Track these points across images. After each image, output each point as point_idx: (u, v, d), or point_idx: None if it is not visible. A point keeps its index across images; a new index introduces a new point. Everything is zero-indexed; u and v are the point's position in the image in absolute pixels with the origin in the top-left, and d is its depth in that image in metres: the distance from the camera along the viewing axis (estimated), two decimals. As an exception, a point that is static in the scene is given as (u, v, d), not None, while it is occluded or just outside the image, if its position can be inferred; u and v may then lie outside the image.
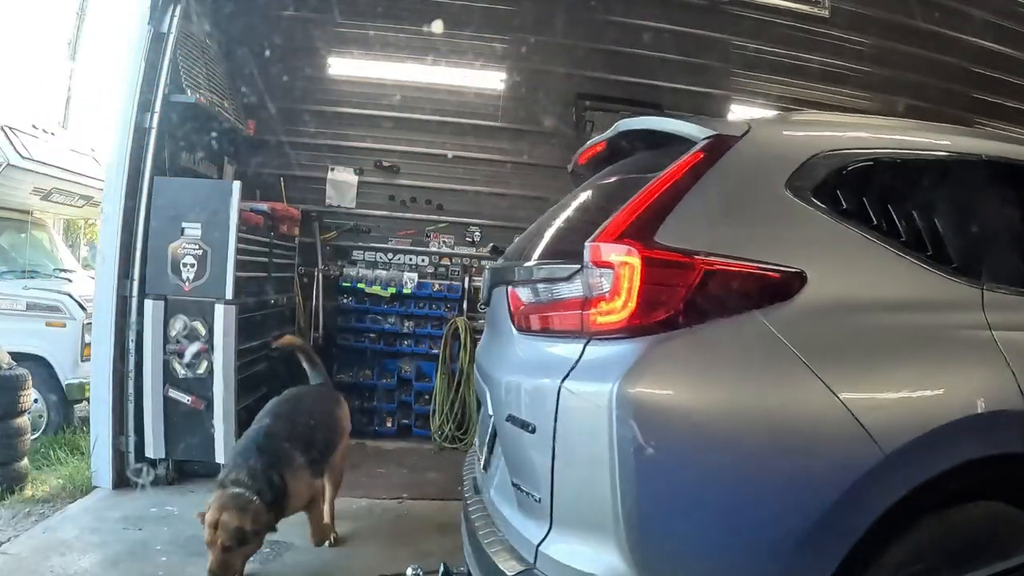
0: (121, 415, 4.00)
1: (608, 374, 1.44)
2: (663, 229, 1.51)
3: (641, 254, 1.47)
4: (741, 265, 1.50)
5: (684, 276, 1.47)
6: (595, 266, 1.53)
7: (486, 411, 2.13)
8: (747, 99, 6.09)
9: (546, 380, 1.59)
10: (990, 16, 5.49)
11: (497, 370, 1.95)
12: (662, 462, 1.42)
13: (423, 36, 5.49)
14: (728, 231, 1.57)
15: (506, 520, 1.79)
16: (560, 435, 1.52)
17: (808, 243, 1.58)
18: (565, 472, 1.53)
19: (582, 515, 1.51)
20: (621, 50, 5.80)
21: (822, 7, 5.55)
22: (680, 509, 1.44)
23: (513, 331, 1.90)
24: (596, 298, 1.53)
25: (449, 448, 5.42)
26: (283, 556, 3.25)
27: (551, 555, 1.54)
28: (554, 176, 6.03)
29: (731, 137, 1.68)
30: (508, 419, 1.76)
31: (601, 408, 1.42)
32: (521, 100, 5.90)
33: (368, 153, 5.88)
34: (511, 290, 1.97)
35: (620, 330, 1.48)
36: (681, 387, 1.46)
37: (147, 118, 4.03)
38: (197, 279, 3.97)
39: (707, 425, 1.43)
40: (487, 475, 2.07)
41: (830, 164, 1.66)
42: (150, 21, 4.00)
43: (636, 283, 1.47)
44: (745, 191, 1.64)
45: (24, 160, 5.35)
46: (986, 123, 6.31)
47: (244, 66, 5.50)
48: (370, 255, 5.98)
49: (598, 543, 1.45)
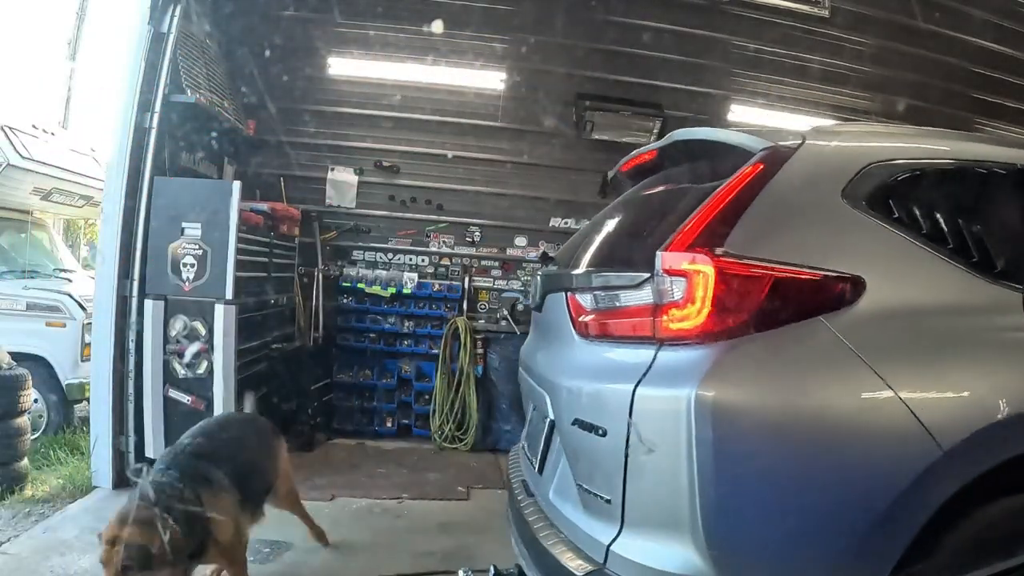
0: (121, 415, 4.00)
1: (685, 379, 1.50)
2: (731, 238, 1.58)
3: (715, 263, 1.54)
4: (806, 273, 1.57)
5: (755, 284, 1.55)
6: (667, 275, 1.60)
7: (539, 414, 2.20)
8: (747, 99, 6.09)
9: (618, 385, 1.64)
10: (990, 16, 5.49)
11: (556, 375, 2.00)
12: (738, 461, 1.48)
13: (423, 36, 5.49)
14: (790, 240, 1.63)
15: (569, 521, 1.84)
16: (634, 438, 1.57)
17: (864, 250, 1.65)
18: (638, 474, 1.58)
19: (656, 514, 1.57)
20: (621, 50, 5.80)
21: (822, 7, 5.55)
22: (755, 505, 1.50)
23: (575, 336, 1.96)
24: (667, 305, 1.59)
25: (449, 448, 5.42)
26: (283, 556, 3.25)
27: (623, 554, 1.59)
28: (554, 176, 6.05)
29: (788, 148, 1.74)
30: (575, 423, 1.79)
31: (679, 412, 1.48)
32: (521, 100, 5.90)
33: (368, 153, 5.88)
34: (571, 296, 2.01)
35: (694, 336, 1.55)
36: (754, 390, 1.52)
37: (147, 118, 4.03)
38: (197, 279, 3.97)
39: (779, 425, 1.50)
40: (542, 478, 2.11)
41: (881, 174, 1.73)
42: (150, 21, 4.00)
43: (710, 291, 1.53)
44: (804, 201, 1.70)
45: (24, 160, 5.35)
46: (986, 123, 6.32)
47: (244, 66, 5.49)
48: (370, 255, 5.98)
49: (672, 540, 1.51)
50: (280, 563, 3.20)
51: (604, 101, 5.84)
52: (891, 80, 5.98)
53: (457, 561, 3.34)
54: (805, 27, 5.68)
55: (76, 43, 9.44)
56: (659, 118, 5.83)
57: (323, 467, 4.69)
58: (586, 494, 1.76)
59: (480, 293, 6.07)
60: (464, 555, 3.42)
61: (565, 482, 1.90)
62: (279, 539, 3.41)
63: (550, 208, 6.09)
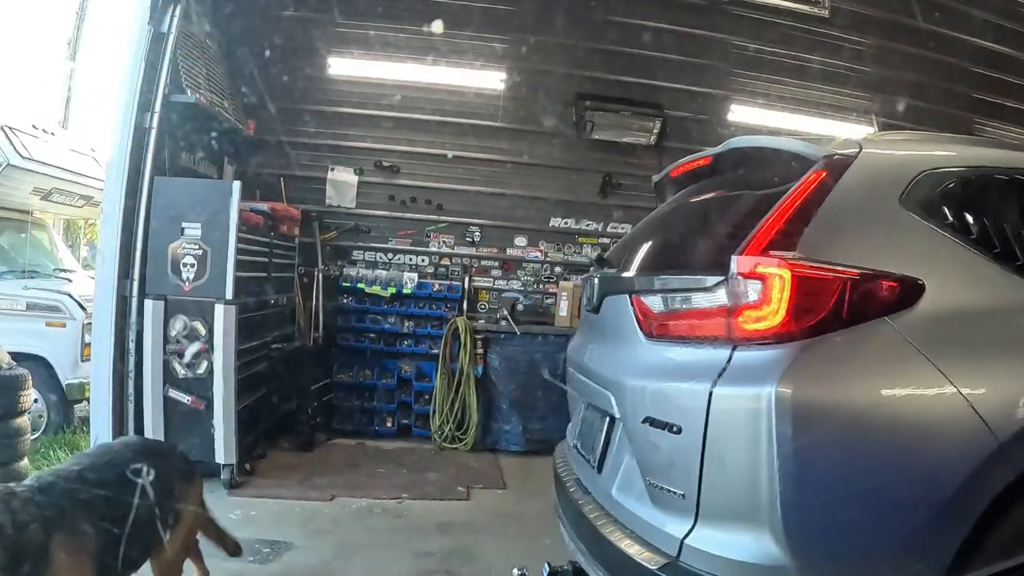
0: (121, 415, 4.00)
1: (764, 377, 1.58)
2: (801, 242, 1.67)
3: (791, 267, 1.62)
4: (873, 275, 1.66)
5: (828, 286, 1.63)
6: (742, 277, 1.67)
7: (595, 414, 2.29)
8: (747, 99, 6.09)
9: (693, 384, 1.72)
10: (990, 16, 5.49)
11: (622, 375, 2.06)
12: (814, 455, 1.56)
13: (423, 36, 5.50)
14: (853, 244, 1.72)
15: (635, 517, 1.90)
16: (712, 434, 1.64)
17: (922, 254, 1.74)
18: (715, 468, 1.65)
19: (732, 507, 1.64)
20: (621, 50, 5.81)
21: (822, 7, 5.56)
22: (829, 495, 1.58)
23: (640, 337, 2.03)
24: (743, 307, 1.67)
25: (449, 448, 5.42)
26: (283, 556, 3.26)
27: (697, 547, 1.66)
28: (554, 176, 6.06)
29: (847, 156, 1.82)
30: (646, 421, 1.86)
31: (759, 409, 1.56)
32: (521, 100, 5.91)
33: (368, 153, 5.89)
34: (637, 299, 2.08)
35: (770, 337, 1.62)
36: (828, 387, 1.59)
37: (147, 118, 4.02)
38: (197, 279, 3.97)
39: (851, 420, 1.58)
40: (601, 475, 2.17)
41: (933, 181, 1.82)
42: (150, 21, 4.00)
43: (787, 293, 1.61)
44: (864, 207, 1.78)
45: (24, 160, 5.35)
46: (986, 123, 6.32)
47: (244, 66, 5.50)
48: (370, 255, 5.98)
49: (749, 531, 1.58)
50: (280, 563, 3.19)
51: (604, 101, 5.85)
52: (891, 80, 5.98)
53: (457, 561, 3.35)
54: (805, 27, 5.68)
55: (76, 43, 9.44)
56: (659, 118, 5.84)
57: (323, 467, 4.70)
58: (656, 490, 1.83)
59: (480, 293, 6.08)
60: (464, 555, 3.42)
61: (630, 479, 1.97)
62: (279, 539, 3.42)
63: (550, 208, 6.10)
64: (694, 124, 6.08)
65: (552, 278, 6.14)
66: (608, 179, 6.07)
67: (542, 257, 6.15)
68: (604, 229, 6.18)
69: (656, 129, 5.86)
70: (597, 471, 2.20)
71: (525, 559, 3.40)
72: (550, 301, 6.06)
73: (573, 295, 5.76)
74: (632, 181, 6.11)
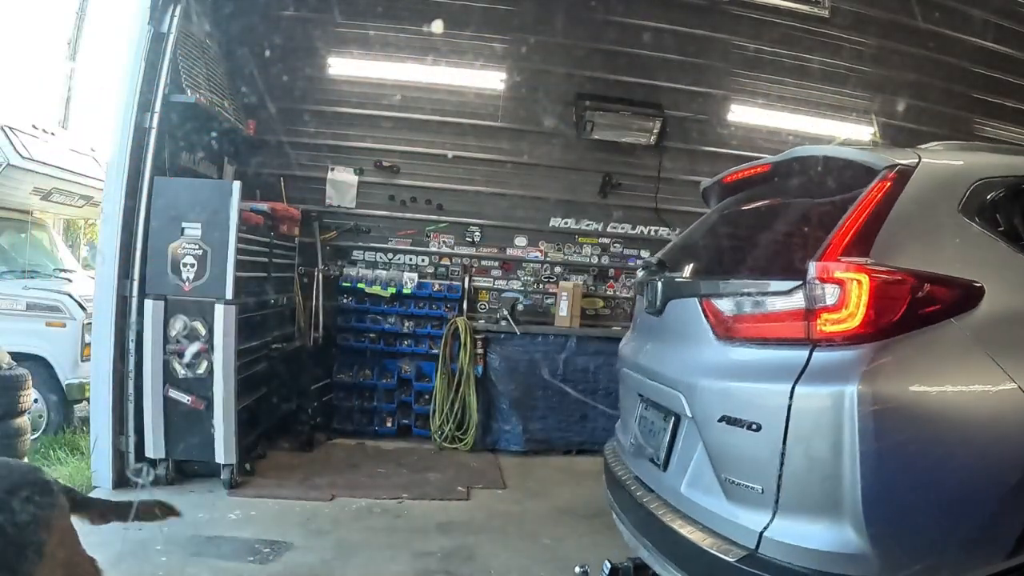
0: (121, 415, 4.00)
1: (845, 376, 1.68)
2: (874, 248, 1.78)
3: (868, 271, 1.73)
4: (940, 279, 1.77)
5: (901, 289, 1.73)
6: (821, 282, 1.77)
7: (656, 414, 2.38)
8: (747, 99, 6.09)
9: (772, 384, 1.82)
10: (990, 16, 5.50)
11: (692, 376, 2.15)
12: (893, 448, 1.66)
13: (423, 36, 5.50)
14: (918, 249, 1.82)
15: (708, 512, 1.98)
16: (793, 431, 1.74)
17: (979, 259, 1.85)
18: (795, 463, 1.74)
19: (812, 500, 1.73)
20: (621, 50, 5.81)
21: (822, 7, 5.57)
22: (906, 486, 1.68)
23: (712, 339, 2.12)
24: (821, 309, 1.77)
25: (449, 448, 5.42)
26: (283, 556, 3.26)
27: (777, 539, 1.75)
28: (554, 176, 6.06)
29: (910, 166, 1.92)
30: (721, 420, 1.95)
31: (841, 406, 1.65)
32: (521, 100, 5.90)
33: (368, 153, 5.88)
34: (707, 302, 2.16)
35: (848, 338, 1.72)
36: (903, 384, 1.70)
37: (147, 118, 4.03)
38: (197, 279, 3.97)
39: (925, 415, 1.69)
40: (666, 473, 2.25)
41: (988, 189, 1.93)
42: (150, 21, 4.00)
43: (865, 297, 1.71)
44: (928, 214, 1.89)
45: (24, 160, 5.35)
46: (986, 123, 6.32)
47: (244, 66, 5.49)
48: (370, 255, 5.98)
49: (829, 522, 1.68)
50: (280, 563, 3.19)
51: (604, 101, 5.85)
52: (891, 80, 5.98)
53: (457, 561, 3.36)
54: (805, 27, 5.69)
55: (76, 43, 9.43)
56: (659, 118, 5.84)
57: (323, 467, 4.70)
58: (731, 485, 1.92)
59: (480, 293, 6.08)
60: (464, 555, 3.42)
61: (700, 475, 2.06)
62: (279, 539, 3.42)
63: (550, 208, 6.09)
64: (694, 124, 6.09)
65: (552, 278, 6.14)
66: (608, 179, 6.07)
67: (542, 257, 6.15)
68: (604, 229, 6.18)
69: (656, 129, 5.86)
70: (662, 469, 2.28)
71: (525, 559, 3.42)
72: (550, 301, 6.06)
73: (573, 295, 5.76)
74: (632, 181, 6.12)
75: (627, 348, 2.91)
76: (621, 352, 2.98)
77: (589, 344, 5.54)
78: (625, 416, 2.84)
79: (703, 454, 2.06)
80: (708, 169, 6.10)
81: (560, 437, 5.51)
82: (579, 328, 5.72)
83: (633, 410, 2.65)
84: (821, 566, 1.67)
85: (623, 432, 2.82)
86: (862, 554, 1.64)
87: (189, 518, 3.60)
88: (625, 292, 6.23)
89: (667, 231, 6.11)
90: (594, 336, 5.64)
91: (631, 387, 2.72)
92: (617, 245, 6.21)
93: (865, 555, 1.63)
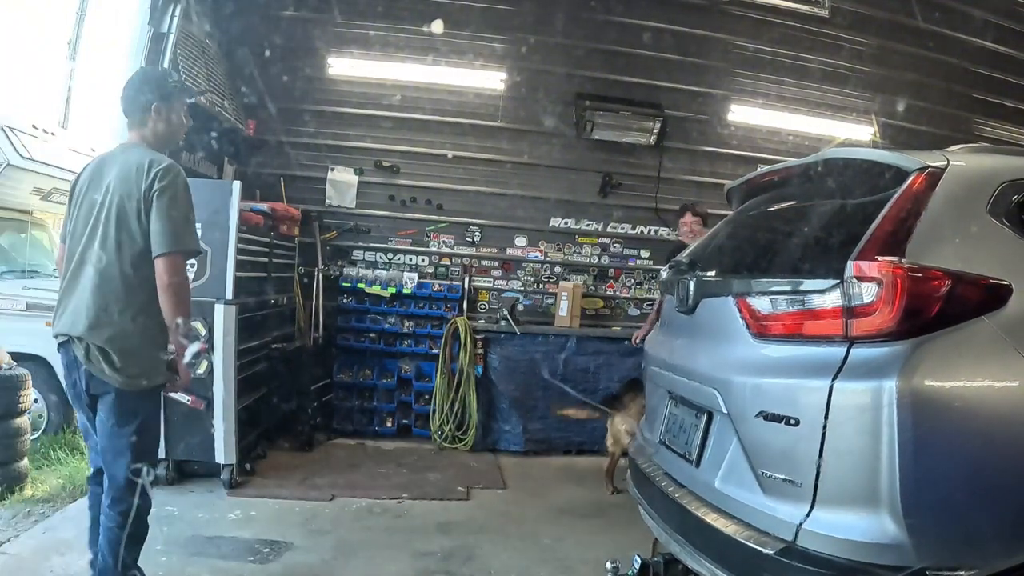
0: (121, 415, 3.99)
1: (884, 372, 1.73)
2: (908, 248, 1.82)
3: (905, 271, 1.78)
4: (972, 278, 1.82)
5: (937, 288, 1.78)
6: (859, 280, 1.82)
7: (687, 411, 2.43)
8: (747, 99, 6.09)
9: (811, 380, 1.86)
10: (990, 16, 5.50)
11: (728, 373, 2.18)
12: (931, 442, 1.70)
13: (423, 36, 5.50)
14: (949, 249, 1.87)
15: (745, 506, 2.01)
16: (832, 425, 1.78)
17: (1007, 258, 1.90)
18: (834, 457, 1.78)
19: (851, 492, 1.77)
20: (621, 50, 5.81)
21: (822, 7, 5.57)
22: (944, 478, 1.72)
23: (748, 337, 2.15)
24: (858, 307, 1.81)
25: (449, 448, 5.42)
26: (283, 556, 3.26)
27: (814, 530, 1.78)
28: (554, 176, 6.06)
29: (939, 168, 1.96)
30: (759, 416, 1.98)
31: (880, 401, 1.70)
32: (521, 100, 5.91)
33: (368, 153, 5.89)
34: (742, 301, 2.20)
35: (886, 335, 1.77)
36: (940, 379, 1.73)
37: (147, 118, 4.02)
38: (197, 279, 3.95)
39: (961, 408, 1.73)
40: (699, 469, 2.28)
41: (1012, 191, 1.98)
42: (150, 21, 4.01)
43: (901, 295, 1.76)
44: (958, 214, 1.93)
45: (24, 160, 5.35)
46: (986, 123, 6.33)
47: (244, 66, 5.49)
48: (370, 255, 5.98)
49: (867, 514, 1.72)
50: (280, 563, 3.19)
51: (604, 101, 5.85)
52: (891, 80, 5.98)
53: (457, 561, 3.36)
54: (805, 27, 5.69)
55: (76, 43, 9.43)
56: (659, 118, 5.84)
57: (323, 467, 4.70)
58: (768, 479, 1.96)
59: (480, 293, 6.08)
60: (464, 555, 3.42)
61: (735, 470, 2.09)
62: (279, 539, 3.42)
63: (550, 208, 6.10)
64: (694, 124, 6.09)
65: (552, 278, 6.14)
66: (608, 179, 6.07)
67: (542, 257, 6.15)
68: (604, 229, 6.18)
69: (656, 129, 5.86)
70: (695, 465, 2.31)
71: (525, 559, 3.42)
72: (550, 301, 6.06)
73: (573, 295, 5.77)
74: (632, 181, 6.12)
75: (655, 347, 2.91)
76: (648, 351, 2.98)
77: (589, 344, 5.54)
78: (652, 413, 2.85)
79: (738, 449, 2.09)
80: (708, 169, 6.13)
81: (560, 437, 5.52)
82: (579, 328, 5.73)
83: (662, 407, 2.66)
84: (858, 556, 1.71)
85: (649, 429, 2.83)
86: (899, 544, 1.68)
87: (189, 518, 3.61)
88: (625, 292, 6.24)
89: (667, 231, 6.12)
90: (594, 336, 5.64)
91: (660, 385, 2.73)
92: (617, 245, 6.22)
93: (902, 545, 1.67)
